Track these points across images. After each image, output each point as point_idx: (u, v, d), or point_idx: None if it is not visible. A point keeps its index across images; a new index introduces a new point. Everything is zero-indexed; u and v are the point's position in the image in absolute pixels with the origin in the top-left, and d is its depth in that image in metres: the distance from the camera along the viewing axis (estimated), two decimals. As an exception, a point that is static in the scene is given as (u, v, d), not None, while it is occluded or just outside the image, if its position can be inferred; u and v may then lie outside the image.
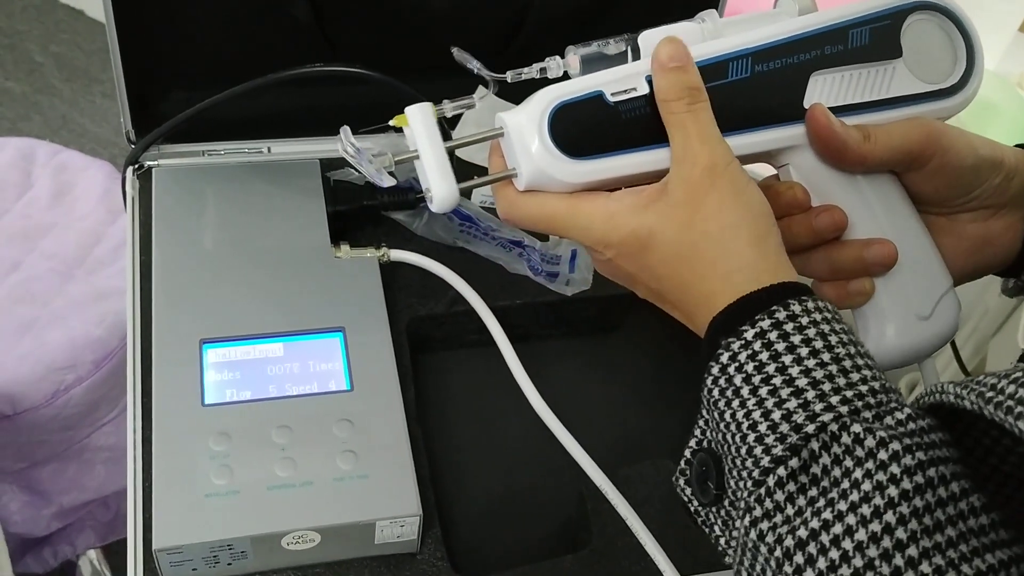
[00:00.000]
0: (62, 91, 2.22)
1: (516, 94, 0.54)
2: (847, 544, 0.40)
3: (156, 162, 0.84)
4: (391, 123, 0.53)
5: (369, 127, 0.88)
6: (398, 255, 0.80)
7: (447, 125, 0.83)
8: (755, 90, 0.52)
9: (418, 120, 0.52)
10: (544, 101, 0.50)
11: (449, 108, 0.53)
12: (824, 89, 0.54)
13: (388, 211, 0.84)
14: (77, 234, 1.32)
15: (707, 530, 0.50)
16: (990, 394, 0.39)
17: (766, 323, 0.45)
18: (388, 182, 0.52)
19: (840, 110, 0.53)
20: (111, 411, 1.27)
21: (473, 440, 0.79)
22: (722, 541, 0.49)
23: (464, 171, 0.85)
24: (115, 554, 1.42)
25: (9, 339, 1.20)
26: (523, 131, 0.50)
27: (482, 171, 0.88)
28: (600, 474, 0.71)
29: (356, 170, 0.53)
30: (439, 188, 0.51)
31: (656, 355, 0.88)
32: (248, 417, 0.67)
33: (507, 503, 0.76)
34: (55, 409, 1.19)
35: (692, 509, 0.51)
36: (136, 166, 0.84)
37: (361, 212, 0.83)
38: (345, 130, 0.52)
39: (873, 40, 0.54)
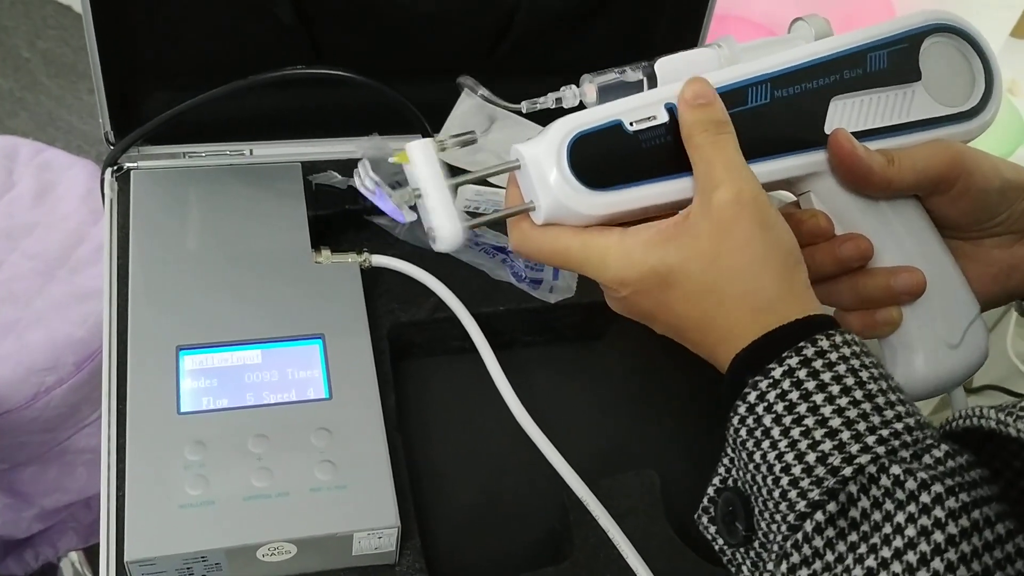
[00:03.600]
0: (49, 87, 2.21)
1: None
2: None
3: (135, 164, 0.83)
4: (391, 160, 0.51)
5: (353, 129, 0.89)
6: (380, 260, 0.79)
7: (429, 123, 0.82)
8: (775, 116, 0.52)
9: (419, 158, 0.50)
10: (562, 132, 0.49)
11: (451, 143, 0.51)
12: (844, 114, 0.53)
13: (370, 216, 0.84)
14: (60, 234, 1.31)
15: (733, 569, 0.49)
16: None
17: (794, 360, 0.44)
18: (409, 218, 0.51)
19: (860, 135, 0.53)
20: (93, 413, 1.26)
21: (454, 449, 0.78)
22: None
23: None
24: (97, 556, 1.41)
25: (-11, 340, 1.19)
26: (541, 163, 0.49)
27: (462, 173, 0.88)
28: (582, 485, 0.70)
29: (372, 204, 0.51)
30: (444, 228, 0.49)
31: (640, 363, 0.88)
32: (224, 426, 0.66)
33: (488, 514, 0.76)
34: (36, 411, 1.18)
35: (716, 548, 0.49)
36: (115, 167, 0.83)
37: (343, 216, 0.83)
38: (364, 164, 0.50)
39: (892, 64, 0.53)
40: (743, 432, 0.45)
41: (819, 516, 0.42)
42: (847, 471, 0.41)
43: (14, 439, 1.20)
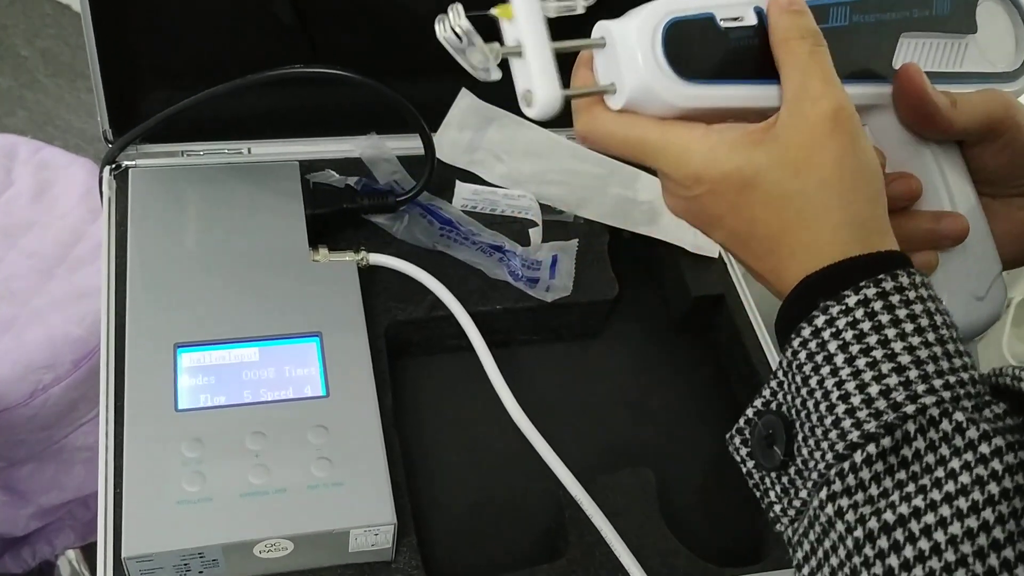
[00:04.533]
0: (47, 86, 2.21)
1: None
2: (939, 536, 0.38)
3: (134, 162, 0.83)
4: (492, 12, 0.47)
5: (351, 128, 0.89)
6: (377, 259, 0.80)
7: (427, 122, 0.82)
8: (851, 41, 0.51)
9: (524, 11, 0.46)
10: (659, 13, 0.47)
11: (552, 7, 0.48)
12: (909, 52, 0.53)
13: (368, 214, 0.84)
14: (58, 232, 1.31)
15: (758, 493, 0.48)
16: None
17: (871, 291, 0.43)
18: (496, 75, 0.47)
19: None
20: (90, 411, 1.26)
21: (451, 447, 0.79)
22: (776, 508, 0.47)
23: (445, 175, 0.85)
24: (94, 554, 1.41)
25: (-13, 338, 1.19)
26: (633, 42, 0.47)
27: (459, 176, 0.88)
28: (576, 484, 0.71)
29: (455, 58, 0.47)
30: (543, 90, 0.46)
31: (636, 362, 0.88)
32: (222, 423, 0.67)
33: (485, 511, 0.76)
34: (34, 408, 1.18)
35: (744, 470, 0.49)
36: (113, 166, 0.83)
37: (340, 215, 0.83)
38: (456, 7, 0.46)
39: (954, 11, 0.54)
40: (802, 355, 0.44)
41: (871, 448, 0.41)
42: (909, 409, 0.41)
43: (12, 437, 1.20)
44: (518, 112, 0.54)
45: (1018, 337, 1.48)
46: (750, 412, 0.49)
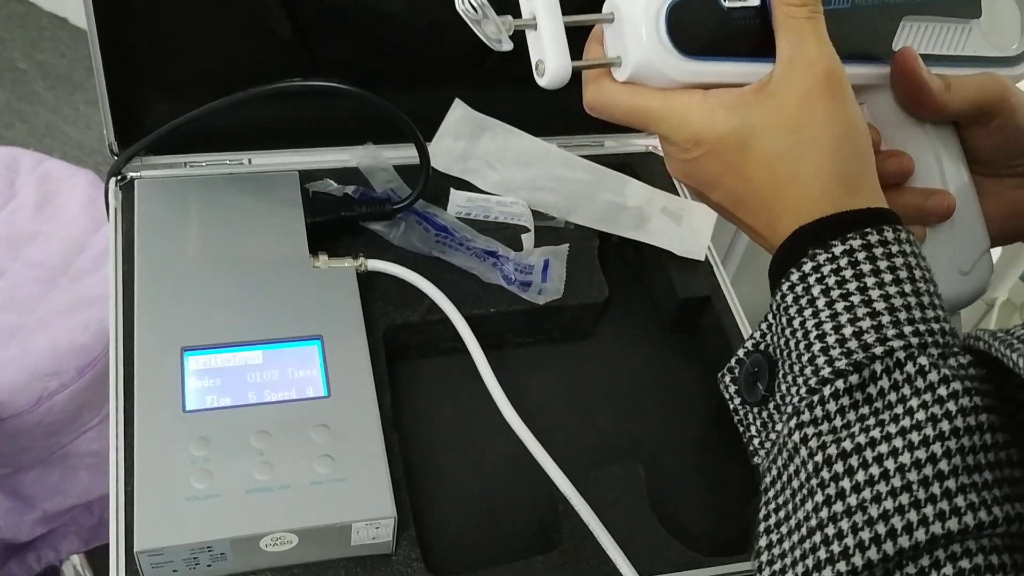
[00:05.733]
0: (46, 98, 2.23)
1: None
2: (889, 463, 0.41)
3: (138, 173, 0.85)
4: None
5: (348, 139, 0.91)
6: (375, 265, 0.82)
7: (422, 132, 0.85)
8: (852, 23, 0.54)
9: None
10: None
11: None
12: (910, 35, 0.56)
13: (366, 222, 0.86)
14: (61, 242, 1.34)
15: (742, 428, 0.51)
16: (1019, 345, 0.41)
17: (856, 243, 0.46)
18: (507, 46, 0.50)
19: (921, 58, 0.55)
20: (94, 417, 1.28)
21: (448, 445, 0.81)
22: (755, 441, 0.50)
23: (442, 184, 0.88)
24: (98, 559, 1.44)
25: (-7, 346, 1.21)
26: (638, 19, 0.50)
27: (453, 184, 0.90)
28: (565, 480, 0.73)
29: (473, 28, 0.50)
30: (554, 60, 0.49)
31: (626, 362, 0.90)
32: (228, 423, 0.69)
33: (480, 506, 0.78)
34: (39, 415, 1.20)
35: (731, 407, 0.52)
36: (119, 177, 0.85)
37: (339, 223, 0.85)
38: None
39: None
40: (789, 298, 0.47)
41: (839, 384, 0.44)
42: (878, 350, 0.44)
43: (17, 443, 1.22)
44: (510, 122, 0.57)
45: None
46: (741, 352, 0.52)
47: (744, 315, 0.89)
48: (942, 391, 0.42)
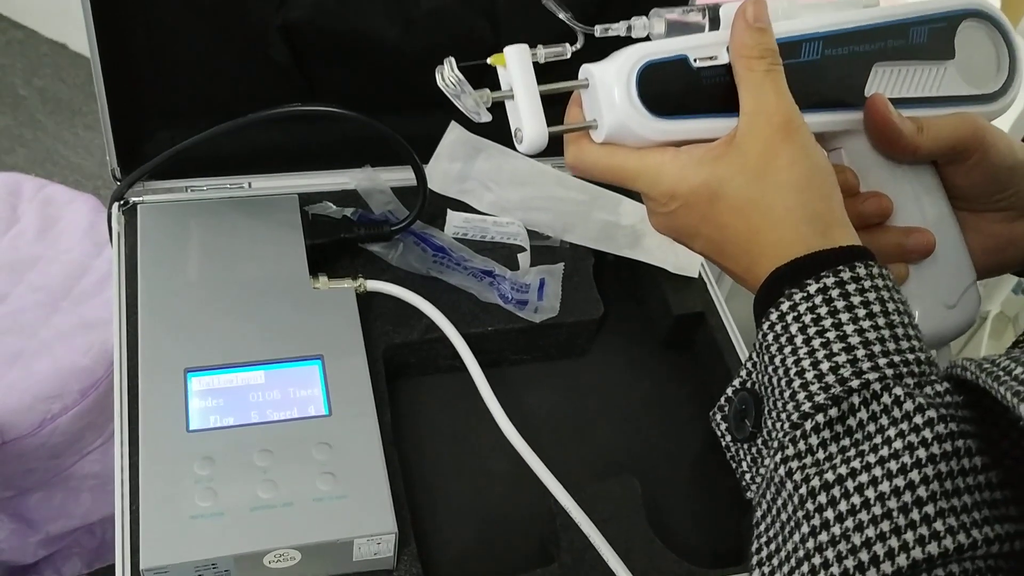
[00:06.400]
0: (46, 124, 2.25)
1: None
2: (870, 492, 0.43)
3: (141, 198, 0.87)
4: (488, 61, 0.53)
5: (346, 162, 0.93)
6: (374, 286, 0.84)
7: (418, 155, 0.86)
8: (823, 73, 0.56)
9: (515, 60, 0.53)
10: (633, 58, 0.52)
11: (542, 54, 0.54)
12: (883, 80, 0.57)
13: (364, 243, 0.88)
14: (63, 266, 1.35)
15: (734, 465, 0.53)
16: (1003, 376, 0.42)
17: (830, 280, 0.48)
18: (486, 117, 0.53)
19: (895, 102, 0.57)
20: (97, 439, 1.29)
21: (447, 461, 0.82)
22: (747, 477, 0.52)
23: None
24: (100, 581, 1.44)
25: (-3, 370, 1.22)
26: (611, 84, 0.52)
27: (450, 205, 0.92)
28: (564, 493, 0.74)
29: (453, 103, 0.53)
30: (531, 128, 0.52)
31: (622, 379, 0.92)
32: (231, 442, 0.71)
33: (480, 520, 0.80)
34: (42, 438, 1.22)
35: (723, 444, 0.54)
36: (122, 202, 0.87)
37: (338, 245, 0.87)
38: (450, 60, 0.52)
39: (930, 39, 0.58)
40: (770, 337, 0.49)
41: (819, 417, 0.46)
42: (854, 383, 0.46)
43: (21, 466, 1.23)
44: (505, 143, 0.59)
45: (996, 349, 1.52)
46: (729, 391, 0.54)
47: (738, 331, 0.91)
48: (918, 419, 0.44)
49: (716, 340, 0.90)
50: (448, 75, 0.52)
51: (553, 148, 0.55)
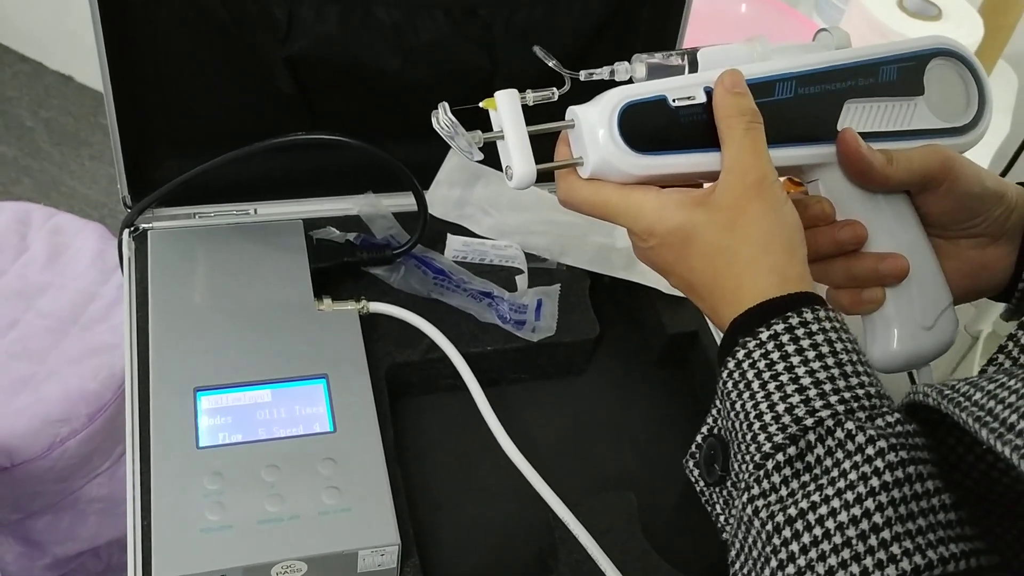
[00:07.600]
0: (52, 155, 2.27)
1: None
2: (830, 523, 0.45)
3: (150, 224, 0.89)
4: (481, 104, 0.57)
5: (349, 188, 0.95)
6: (377, 307, 0.86)
7: (419, 181, 0.89)
8: (796, 110, 0.59)
9: (505, 104, 0.56)
10: (615, 99, 0.56)
11: (531, 97, 0.57)
12: (855, 116, 0.60)
13: (367, 267, 0.90)
14: (71, 293, 1.38)
15: (709, 508, 0.56)
16: (964, 402, 0.45)
17: (780, 327, 0.51)
18: (478, 156, 0.56)
19: (867, 136, 0.60)
20: (104, 462, 1.31)
21: (448, 477, 0.84)
22: (722, 519, 0.55)
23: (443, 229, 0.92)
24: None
25: (6, 394, 1.25)
26: (594, 124, 0.55)
27: (450, 229, 0.94)
28: (563, 507, 0.76)
29: (448, 143, 0.56)
30: (520, 166, 0.56)
31: (617, 396, 0.94)
32: (239, 458, 0.73)
33: (481, 534, 0.81)
34: (51, 461, 1.24)
35: (698, 489, 0.57)
36: (132, 228, 0.89)
37: (342, 268, 0.89)
38: (444, 105, 0.56)
39: (900, 77, 0.61)
40: (729, 384, 0.52)
41: (779, 457, 0.48)
42: (808, 422, 0.48)
43: (29, 489, 1.25)
44: (503, 170, 0.61)
45: (989, 368, 1.52)
46: (699, 438, 0.57)
47: (730, 349, 0.93)
48: (870, 450, 0.46)
49: (709, 358, 0.92)
50: (443, 119, 0.55)
51: (545, 176, 0.58)
